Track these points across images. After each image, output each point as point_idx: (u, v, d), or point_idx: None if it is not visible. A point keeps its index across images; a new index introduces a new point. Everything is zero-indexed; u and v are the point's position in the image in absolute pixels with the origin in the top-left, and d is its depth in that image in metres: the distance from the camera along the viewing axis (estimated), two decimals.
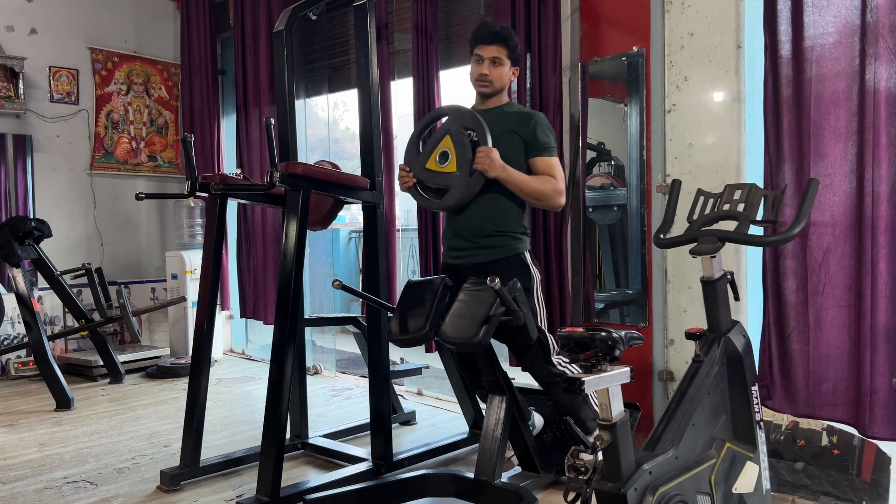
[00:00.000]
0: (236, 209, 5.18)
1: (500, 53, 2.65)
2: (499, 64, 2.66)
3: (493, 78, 2.67)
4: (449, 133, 2.62)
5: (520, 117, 2.68)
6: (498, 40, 2.65)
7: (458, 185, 2.58)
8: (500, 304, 2.36)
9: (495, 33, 2.66)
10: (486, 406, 2.63)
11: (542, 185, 2.61)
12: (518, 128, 2.64)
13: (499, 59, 2.66)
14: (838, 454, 2.54)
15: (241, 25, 5.07)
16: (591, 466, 1.80)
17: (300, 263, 2.69)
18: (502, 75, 2.69)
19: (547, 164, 2.64)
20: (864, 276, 2.42)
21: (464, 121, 2.61)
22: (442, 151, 2.63)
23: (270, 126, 2.92)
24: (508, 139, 2.63)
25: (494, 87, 2.70)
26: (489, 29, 2.68)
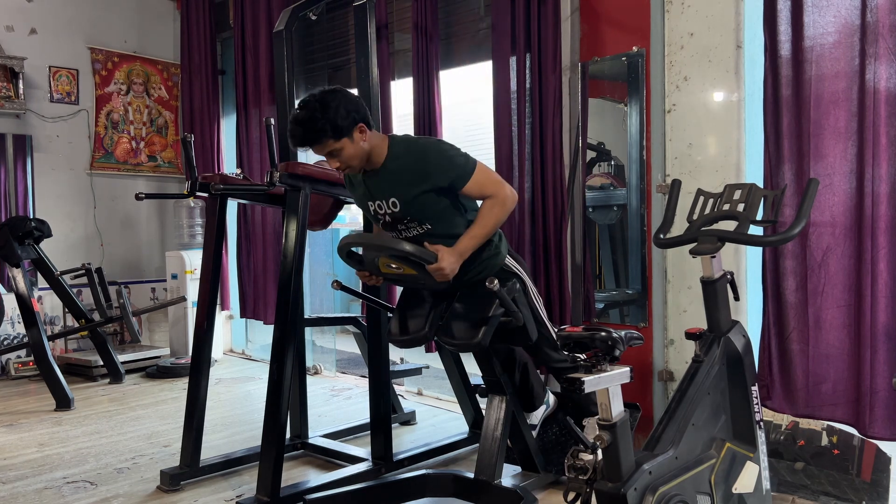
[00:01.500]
0: (236, 209, 5.17)
1: (328, 146, 2.26)
2: (338, 152, 2.27)
3: (348, 163, 2.31)
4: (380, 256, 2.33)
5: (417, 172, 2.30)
6: (312, 142, 2.27)
7: (431, 281, 2.31)
8: (499, 304, 2.36)
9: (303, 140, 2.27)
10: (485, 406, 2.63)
11: (493, 216, 2.32)
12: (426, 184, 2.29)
13: (332, 150, 2.27)
14: (838, 454, 2.54)
15: (241, 25, 5.07)
16: (591, 466, 1.80)
17: (300, 263, 2.69)
18: (353, 154, 2.29)
19: (476, 185, 2.32)
20: (864, 276, 2.42)
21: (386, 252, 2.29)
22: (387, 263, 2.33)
23: (270, 126, 2.92)
24: (423, 200, 2.32)
25: (358, 165, 2.33)
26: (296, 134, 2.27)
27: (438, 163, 2.30)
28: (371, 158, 2.34)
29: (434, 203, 2.33)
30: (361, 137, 2.29)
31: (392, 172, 2.34)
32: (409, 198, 2.32)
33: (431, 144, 2.38)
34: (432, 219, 2.36)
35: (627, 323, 3.31)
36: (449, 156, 2.31)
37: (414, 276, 2.31)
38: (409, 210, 2.34)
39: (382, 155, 2.34)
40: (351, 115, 2.25)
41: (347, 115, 2.25)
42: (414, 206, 2.33)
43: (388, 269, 2.34)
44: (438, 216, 2.36)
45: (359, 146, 2.29)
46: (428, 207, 2.34)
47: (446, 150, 2.33)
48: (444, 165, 2.30)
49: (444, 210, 2.36)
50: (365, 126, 2.29)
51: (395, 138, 2.39)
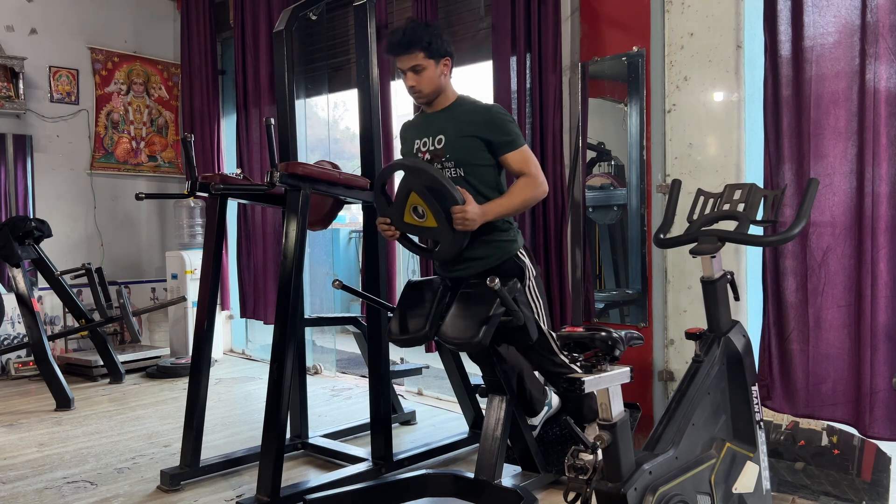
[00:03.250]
0: (236, 209, 5.18)
1: (416, 59, 2.44)
2: (420, 70, 2.46)
3: (421, 86, 2.49)
4: (412, 191, 2.37)
5: (473, 116, 2.49)
6: (408, 48, 2.44)
7: (446, 240, 2.38)
8: (500, 304, 2.36)
9: (401, 43, 2.45)
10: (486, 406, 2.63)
11: (524, 194, 2.45)
12: (476, 130, 2.46)
13: (417, 65, 2.45)
14: (838, 454, 2.54)
15: (241, 25, 5.07)
16: (591, 466, 1.80)
17: (300, 263, 2.69)
18: (431, 79, 2.48)
19: (519, 158, 2.46)
20: (864, 276, 2.42)
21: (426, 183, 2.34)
22: (413, 206, 2.39)
23: (270, 126, 2.92)
24: (466, 144, 2.47)
25: (428, 94, 2.52)
26: (393, 40, 2.48)
27: (496, 120, 2.45)
28: (439, 98, 2.53)
29: (475, 150, 2.46)
30: (444, 70, 2.50)
31: (451, 113, 2.52)
32: (457, 136, 2.47)
33: (495, 106, 2.54)
34: (467, 166, 2.47)
35: (627, 323, 3.31)
36: (507, 119, 2.48)
37: (434, 229, 2.37)
38: (450, 148, 2.47)
39: (449, 101, 2.55)
40: (446, 44, 2.48)
41: (443, 42, 2.48)
42: (457, 145, 2.46)
43: (412, 217, 2.39)
44: (474, 167, 2.47)
45: (438, 77, 2.48)
46: (469, 152, 2.46)
47: (506, 115, 2.50)
48: (500, 125, 2.45)
49: (481, 163, 2.48)
50: (450, 63, 2.51)
51: (463, 94, 2.58)
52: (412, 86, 2.50)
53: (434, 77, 2.49)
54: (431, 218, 2.35)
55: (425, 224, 2.38)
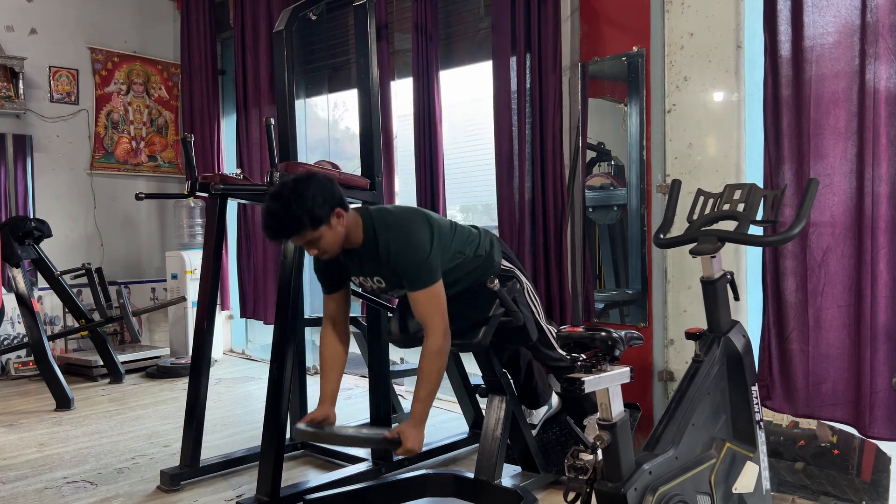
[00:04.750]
0: (236, 209, 5.17)
1: (304, 237, 2.15)
2: (314, 241, 2.16)
3: (324, 250, 2.20)
4: None
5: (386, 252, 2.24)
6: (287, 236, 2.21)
7: None
8: (499, 305, 2.36)
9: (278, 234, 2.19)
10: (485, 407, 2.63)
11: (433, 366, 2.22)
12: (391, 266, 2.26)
13: (311, 239, 2.16)
14: (838, 454, 2.54)
15: (241, 25, 5.07)
16: (591, 466, 1.80)
17: (300, 263, 2.69)
18: (331, 241, 2.19)
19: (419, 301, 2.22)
20: (864, 276, 2.42)
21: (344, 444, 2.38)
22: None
23: (270, 126, 2.92)
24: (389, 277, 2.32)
25: (335, 251, 2.24)
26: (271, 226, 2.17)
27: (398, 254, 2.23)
28: (349, 238, 2.25)
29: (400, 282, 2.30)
30: (339, 222, 2.18)
31: (371, 254, 2.27)
32: (389, 274, 2.30)
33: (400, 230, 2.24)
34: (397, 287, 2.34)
35: (627, 323, 3.31)
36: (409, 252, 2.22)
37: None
38: (392, 285, 2.34)
39: (359, 235, 2.26)
40: (327, 201, 2.14)
41: (324, 202, 2.13)
42: (395, 281, 2.31)
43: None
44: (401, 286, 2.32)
45: (337, 231, 2.18)
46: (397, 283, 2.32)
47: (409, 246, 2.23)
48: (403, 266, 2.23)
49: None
50: (342, 210, 2.18)
51: (367, 218, 2.28)
52: (315, 254, 2.24)
53: (334, 237, 2.19)
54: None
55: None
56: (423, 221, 2.29)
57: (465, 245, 2.44)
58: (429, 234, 2.26)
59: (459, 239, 2.43)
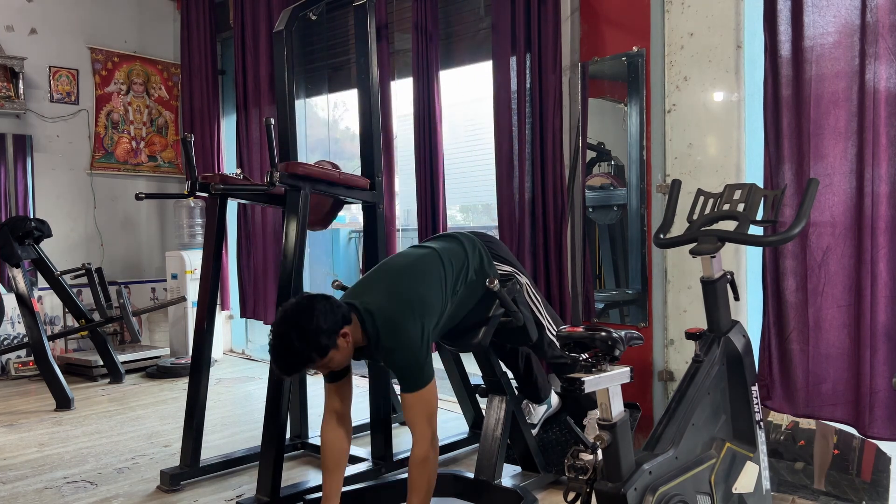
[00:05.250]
0: (236, 209, 5.17)
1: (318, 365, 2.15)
2: (326, 364, 2.16)
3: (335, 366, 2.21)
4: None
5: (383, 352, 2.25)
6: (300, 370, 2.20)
7: None
8: (499, 305, 2.36)
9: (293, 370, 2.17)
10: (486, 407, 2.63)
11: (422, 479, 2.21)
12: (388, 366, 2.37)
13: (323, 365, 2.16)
14: (838, 454, 2.54)
15: (241, 25, 5.07)
16: (591, 466, 1.80)
17: (300, 263, 2.69)
18: (339, 360, 2.19)
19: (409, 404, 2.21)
20: (864, 277, 2.42)
21: None
22: None
23: (270, 126, 2.92)
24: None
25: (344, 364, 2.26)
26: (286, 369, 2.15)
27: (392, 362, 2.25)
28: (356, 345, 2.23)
29: None
30: (346, 341, 2.16)
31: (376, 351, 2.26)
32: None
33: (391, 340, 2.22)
34: None
35: (627, 323, 3.31)
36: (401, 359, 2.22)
37: None
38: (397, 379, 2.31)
39: (361, 337, 2.24)
40: (331, 328, 2.11)
41: (328, 329, 2.10)
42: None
43: None
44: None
45: (345, 349, 2.17)
46: None
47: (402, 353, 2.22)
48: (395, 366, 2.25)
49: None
50: (347, 327, 2.15)
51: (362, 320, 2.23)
52: (326, 374, 2.28)
53: (342, 356, 2.19)
54: None
55: None
56: (410, 316, 2.23)
57: (459, 284, 2.41)
58: (418, 329, 2.22)
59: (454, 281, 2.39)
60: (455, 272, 2.40)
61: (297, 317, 2.10)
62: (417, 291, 2.30)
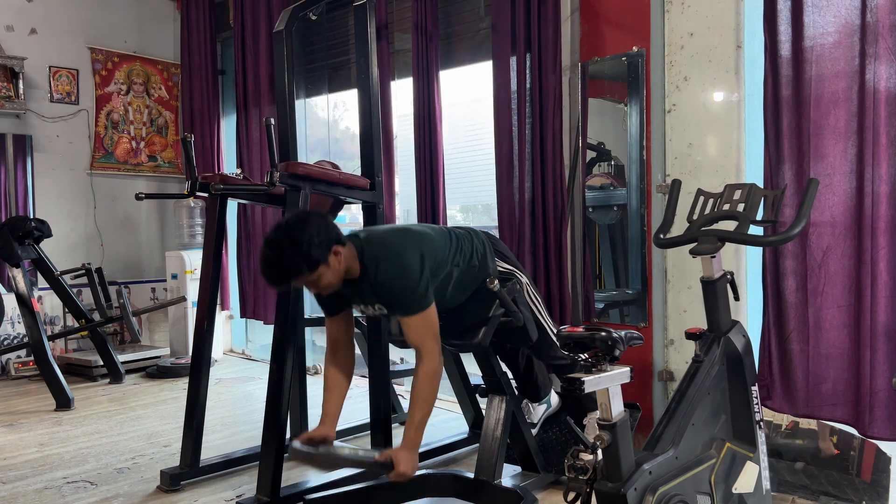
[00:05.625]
0: (236, 209, 5.17)
1: (303, 279, 2.16)
2: (314, 282, 2.17)
3: (324, 288, 2.21)
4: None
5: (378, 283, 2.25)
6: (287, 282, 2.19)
7: None
8: (499, 305, 2.36)
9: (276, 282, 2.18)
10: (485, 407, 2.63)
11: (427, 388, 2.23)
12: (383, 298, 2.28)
13: (311, 281, 2.16)
14: (838, 454, 2.54)
15: (241, 25, 5.07)
16: (591, 466, 1.80)
17: None
18: (330, 279, 2.19)
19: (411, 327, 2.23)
20: (864, 276, 2.42)
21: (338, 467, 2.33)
22: None
23: (270, 126, 2.92)
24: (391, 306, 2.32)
25: (334, 287, 2.24)
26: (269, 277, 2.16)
27: (389, 287, 2.24)
28: (348, 271, 2.24)
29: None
30: (337, 260, 2.17)
31: (369, 284, 2.26)
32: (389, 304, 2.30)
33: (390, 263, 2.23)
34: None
35: (627, 323, 3.31)
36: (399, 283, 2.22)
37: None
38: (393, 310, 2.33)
39: (356, 267, 2.25)
40: (324, 242, 2.12)
41: (320, 243, 2.11)
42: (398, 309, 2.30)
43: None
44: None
45: (336, 269, 2.18)
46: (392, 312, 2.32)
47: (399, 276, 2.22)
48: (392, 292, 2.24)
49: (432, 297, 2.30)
50: (339, 247, 2.17)
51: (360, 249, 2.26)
52: (316, 293, 2.25)
53: (333, 275, 2.18)
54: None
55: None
56: (413, 248, 2.26)
57: (460, 256, 2.43)
58: (419, 260, 2.23)
59: (456, 250, 2.42)
60: (461, 246, 2.44)
61: (290, 228, 2.12)
62: (422, 234, 2.35)
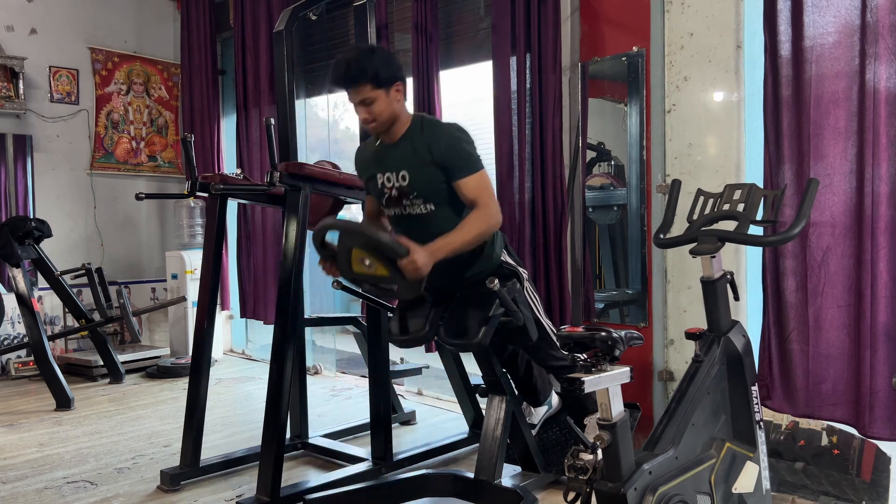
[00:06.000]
0: (236, 209, 5.18)
1: (364, 92, 2.25)
2: (371, 102, 2.27)
3: (374, 118, 2.30)
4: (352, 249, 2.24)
5: (429, 141, 2.30)
6: (352, 82, 2.27)
7: (403, 285, 2.22)
8: (499, 304, 2.36)
9: (345, 77, 2.27)
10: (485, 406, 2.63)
11: (477, 229, 2.26)
12: (433, 157, 2.29)
13: (367, 98, 2.26)
14: (838, 454, 2.54)
15: (241, 25, 5.07)
16: (591, 466, 1.80)
17: (300, 263, 2.69)
18: (383, 109, 2.29)
19: (472, 184, 2.28)
20: (864, 276, 2.42)
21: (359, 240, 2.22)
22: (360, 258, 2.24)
23: (270, 126, 2.92)
24: (430, 176, 2.31)
25: (382, 124, 2.32)
26: (337, 72, 2.29)
27: (451, 142, 2.29)
28: (395, 127, 2.35)
29: (440, 181, 2.30)
30: (397, 97, 2.31)
31: (407, 145, 2.34)
32: (419, 170, 2.31)
33: (451, 126, 2.36)
34: (436, 199, 2.32)
35: (627, 323, 3.31)
36: (462, 140, 2.31)
37: (385, 277, 2.21)
38: (416, 184, 2.32)
39: (403, 128, 2.36)
40: (395, 70, 2.30)
41: (390, 68, 2.28)
42: (422, 180, 2.31)
43: (361, 266, 2.23)
44: (443, 199, 2.32)
45: (392, 103, 2.30)
46: (434, 183, 2.30)
47: (464, 136, 2.32)
48: (454, 147, 2.29)
49: (448, 193, 2.32)
50: (402, 85, 2.33)
51: (417, 115, 2.41)
52: (365, 118, 2.32)
53: (386, 107, 2.29)
54: (381, 267, 2.20)
55: (376, 273, 2.22)
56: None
57: None
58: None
59: None
60: None
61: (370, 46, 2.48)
62: None
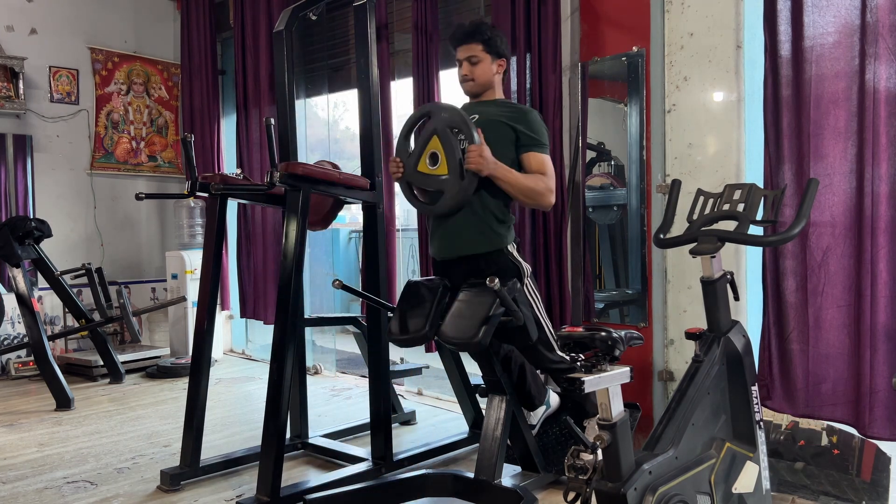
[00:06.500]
0: (236, 209, 5.18)
1: (474, 51, 2.61)
2: (476, 62, 2.62)
3: (473, 76, 2.64)
4: (436, 133, 2.49)
5: (513, 109, 2.63)
6: (468, 39, 2.62)
7: (451, 190, 2.47)
8: (499, 304, 2.36)
9: (464, 33, 2.63)
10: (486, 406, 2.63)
11: (534, 183, 2.53)
12: (510, 120, 2.57)
13: (474, 57, 2.62)
14: (838, 454, 2.54)
15: (241, 25, 5.07)
16: (591, 466, 1.80)
17: (300, 263, 2.69)
18: (484, 71, 2.64)
19: (540, 160, 2.57)
20: (864, 276, 2.42)
21: (449, 119, 2.48)
22: (431, 153, 2.51)
23: (270, 126, 2.92)
24: (498, 129, 2.56)
25: (477, 85, 2.65)
26: (460, 30, 2.66)
27: (532, 118, 2.59)
28: (486, 93, 2.68)
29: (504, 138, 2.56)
30: (498, 69, 2.67)
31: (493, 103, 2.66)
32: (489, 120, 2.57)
33: (534, 111, 2.68)
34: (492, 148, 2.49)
35: (627, 323, 3.31)
36: (541, 123, 2.62)
37: (444, 179, 2.48)
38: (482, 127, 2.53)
39: (494, 96, 2.69)
40: (503, 47, 2.66)
41: (503, 44, 2.66)
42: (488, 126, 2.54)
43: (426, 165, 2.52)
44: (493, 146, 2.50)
45: (491, 72, 2.65)
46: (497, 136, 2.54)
47: (540, 121, 2.63)
48: (534, 123, 2.58)
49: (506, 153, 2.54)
50: (505, 66, 2.69)
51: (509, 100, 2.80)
52: (465, 74, 2.64)
53: (487, 71, 2.63)
54: (444, 166, 2.47)
55: (436, 172, 2.50)
56: None
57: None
58: None
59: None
60: None
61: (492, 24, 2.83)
62: None
